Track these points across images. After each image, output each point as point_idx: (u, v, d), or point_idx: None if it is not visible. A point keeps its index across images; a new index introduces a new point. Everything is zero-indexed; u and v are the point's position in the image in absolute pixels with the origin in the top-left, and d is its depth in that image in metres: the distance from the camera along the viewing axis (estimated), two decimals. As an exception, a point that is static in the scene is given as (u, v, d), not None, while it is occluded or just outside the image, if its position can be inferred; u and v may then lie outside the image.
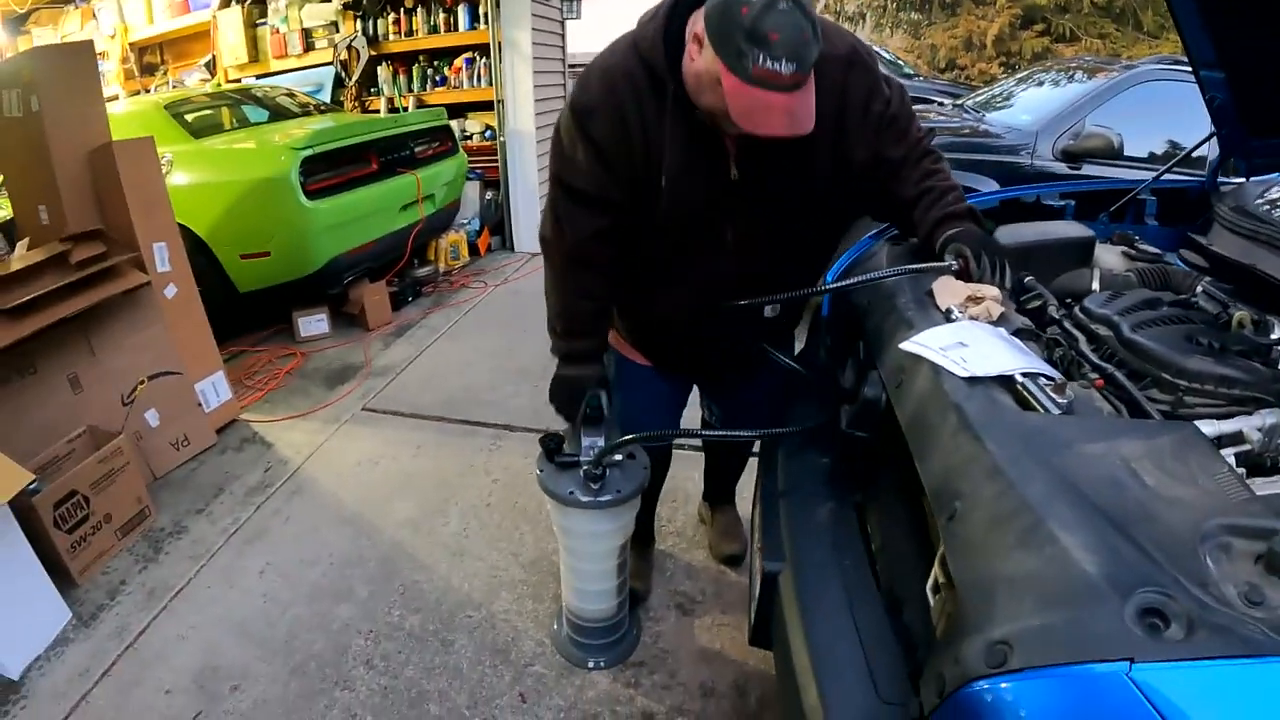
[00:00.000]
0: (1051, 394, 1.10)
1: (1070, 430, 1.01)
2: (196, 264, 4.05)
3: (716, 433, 2.61)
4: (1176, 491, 0.89)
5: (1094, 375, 1.28)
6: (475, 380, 4.33)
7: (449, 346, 4.93)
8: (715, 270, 1.78)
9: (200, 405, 3.71)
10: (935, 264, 1.55)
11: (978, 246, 1.54)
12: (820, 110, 1.54)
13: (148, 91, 8.37)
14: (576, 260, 1.83)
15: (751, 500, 2.10)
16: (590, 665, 2.32)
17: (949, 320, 1.38)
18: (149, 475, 3.38)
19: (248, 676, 2.39)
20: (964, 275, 1.51)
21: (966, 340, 1.23)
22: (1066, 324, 1.51)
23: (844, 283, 1.71)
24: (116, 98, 7.98)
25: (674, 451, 2.39)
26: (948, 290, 1.46)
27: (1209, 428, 1.13)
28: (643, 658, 2.39)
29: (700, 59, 1.48)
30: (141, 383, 3.41)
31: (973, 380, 1.13)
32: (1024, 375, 1.14)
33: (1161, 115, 4.58)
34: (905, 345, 1.29)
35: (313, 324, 5.10)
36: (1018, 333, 1.36)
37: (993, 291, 1.43)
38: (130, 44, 8.44)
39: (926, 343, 1.26)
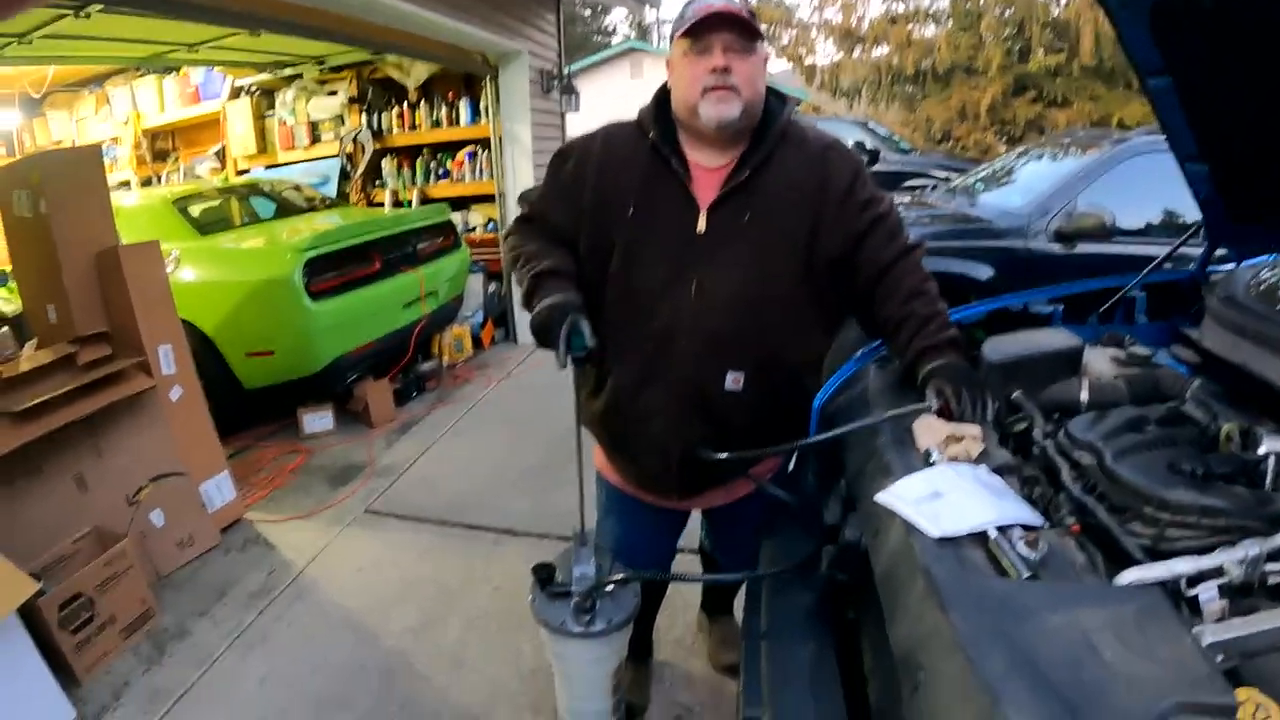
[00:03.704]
0: (1024, 549, 1.10)
1: (1034, 599, 1.01)
2: (203, 360, 4.13)
3: (702, 576, 2.69)
4: (1135, 668, 0.89)
5: (1071, 518, 1.28)
6: (478, 482, 4.33)
7: (452, 445, 4.95)
8: (679, 322, 1.77)
9: (204, 506, 3.74)
10: (915, 406, 1.56)
11: (958, 384, 1.55)
12: (799, 183, 1.73)
13: (159, 178, 8.59)
14: (516, 231, 1.98)
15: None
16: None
17: (928, 462, 1.39)
18: (153, 574, 3.39)
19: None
20: (944, 413, 1.52)
21: (942, 489, 1.24)
22: (1050, 450, 1.52)
23: (818, 438, 1.72)
24: (128, 183, 8.22)
25: (674, 558, 2.39)
26: (928, 430, 1.47)
27: (1189, 563, 1.13)
28: (641, 774, 2.36)
29: (671, 63, 1.79)
30: (146, 485, 3.43)
31: (944, 540, 1.14)
32: (997, 530, 1.14)
33: (1154, 187, 4.55)
34: (880, 497, 1.29)
35: (317, 421, 5.13)
36: (998, 470, 1.37)
37: (973, 430, 1.44)
38: (143, 130, 8.66)
39: (901, 495, 1.26)
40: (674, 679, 2.72)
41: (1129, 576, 1.11)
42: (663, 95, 1.84)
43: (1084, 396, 1.72)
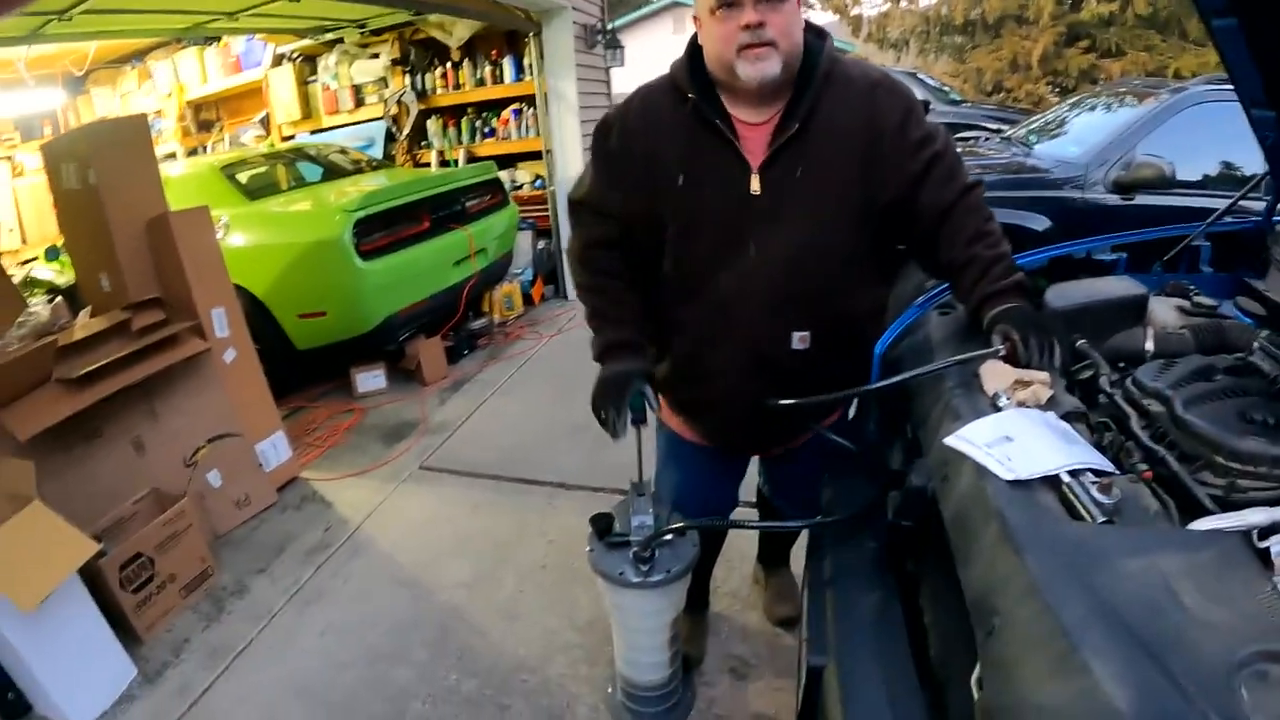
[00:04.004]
0: (1098, 494, 1.08)
1: (1111, 543, 1.00)
2: (255, 323, 4.17)
3: (762, 524, 2.66)
4: (1214, 615, 0.87)
5: (1143, 465, 1.26)
6: (531, 437, 4.37)
7: (504, 401, 4.99)
8: (740, 287, 1.75)
9: (260, 465, 3.81)
10: (982, 351, 1.52)
11: (1025, 328, 1.51)
12: (848, 128, 1.66)
13: (204, 148, 8.64)
14: (585, 263, 1.92)
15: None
16: (644, 732, 2.30)
17: (996, 407, 1.36)
18: (211, 533, 3.46)
19: (308, 742, 2.42)
20: (1011, 358, 1.49)
21: (1012, 433, 1.22)
22: (1118, 398, 1.49)
23: (883, 382, 1.67)
24: (174, 155, 8.24)
25: (735, 508, 2.39)
26: (995, 375, 1.44)
27: (1262, 514, 1.10)
28: (697, 724, 2.38)
29: (699, 19, 1.69)
30: (203, 446, 3.50)
31: (1016, 483, 1.12)
32: (1070, 474, 1.12)
33: (1213, 138, 4.47)
34: (950, 440, 1.27)
35: (370, 380, 5.19)
36: (1066, 416, 1.35)
37: (1041, 375, 1.41)
38: (187, 102, 8.73)
39: (971, 438, 1.24)
40: (730, 631, 2.72)
41: (1202, 526, 1.09)
42: (694, 50, 1.75)
43: (1149, 346, 1.68)
